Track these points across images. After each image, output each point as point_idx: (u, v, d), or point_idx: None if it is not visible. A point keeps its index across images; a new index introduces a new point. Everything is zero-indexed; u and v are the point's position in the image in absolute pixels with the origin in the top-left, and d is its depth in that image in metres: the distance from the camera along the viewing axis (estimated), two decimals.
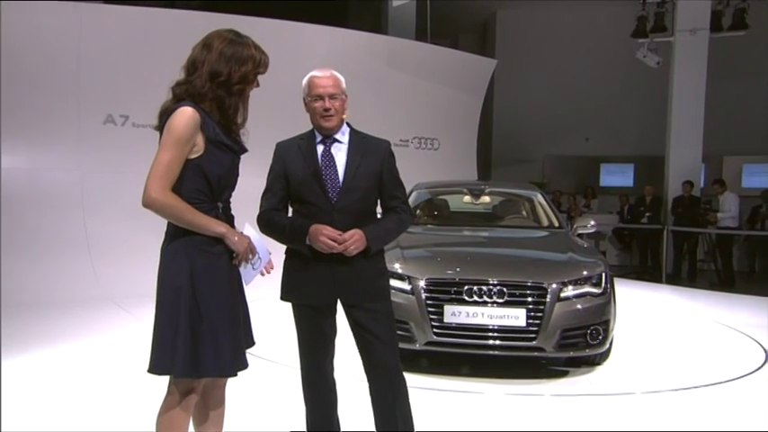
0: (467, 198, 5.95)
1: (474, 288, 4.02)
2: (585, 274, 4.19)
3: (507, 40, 14.19)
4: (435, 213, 5.83)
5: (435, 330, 4.02)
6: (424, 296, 4.06)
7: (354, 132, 2.59)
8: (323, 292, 2.47)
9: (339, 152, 2.53)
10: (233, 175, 2.19)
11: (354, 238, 2.40)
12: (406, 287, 4.10)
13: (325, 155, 2.51)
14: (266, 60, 2.17)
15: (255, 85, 2.19)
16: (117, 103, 7.23)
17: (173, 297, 2.05)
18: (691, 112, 10.05)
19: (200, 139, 2.07)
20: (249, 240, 2.16)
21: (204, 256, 2.08)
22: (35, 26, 6.81)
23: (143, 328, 5.14)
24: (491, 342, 4.00)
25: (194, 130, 2.05)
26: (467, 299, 4.01)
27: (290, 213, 2.61)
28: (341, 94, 2.50)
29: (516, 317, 3.97)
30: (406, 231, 2.81)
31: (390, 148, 2.63)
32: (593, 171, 14.02)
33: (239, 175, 2.23)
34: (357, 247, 2.41)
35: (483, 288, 4.01)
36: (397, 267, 4.17)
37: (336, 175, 2.49)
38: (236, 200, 2.24)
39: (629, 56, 11.07)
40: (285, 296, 2.57)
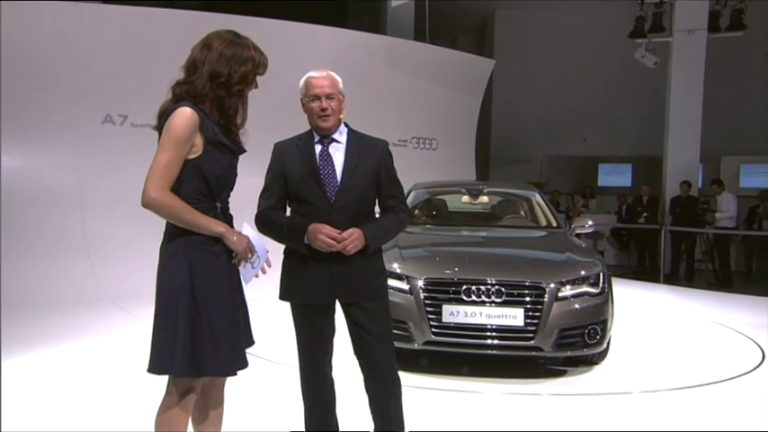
0: (465, 198, 5.96)
1: (472, 288, 4.03)
2: (583, 273, 4.21)
3: (506, 40, 14.19)
4: (434, 213, 5.84)
5: (434, 330, 4.03)
6: (422, 296, 4.07)
7: (352, 132, 2.60)
8: (321, 291, 2.48)
9: (337, 152, 2.54)
10: (231, 175, 2.20)
11: (353, 237, 2.41)
12: (405, 287, 4.11)
13: (323, 154, 2.52)
14: (265, 61, 2.18)
15: (254, 87, 2.20)
16: (116, 103, 7.23)
17: (172, 296, 2.06)
18: (688, 113, 10.07)
19: (198, 140, 2.08)
20: (248, 240, 2.17)
21: (203, 256, 2.09)
22: (34, 26, 6.81)
23: (142, 329, 5.14)
24: (489, 342, 4.01)
25: (193, 130, 2.06)
26: (465, 298, 4.02)
27: (287, 213, 2.62)
28: (338, 94, 2.51)
29: (514, 316, 3.98)
30: (405, 231, 2.83)
31: (388, 147, 2.64)
32: (591, 171, 14.03)
33: (238, 175, 2.24)
34: (356, 245, 2.42)
35: (481, 288, 4.02)
36: (396, 267, 4.18)
37: (334, 175, 2.50)
38: (234, 200, 2.25)
39: (627, 56, 11.09)
40: (284, 295, 2.58)
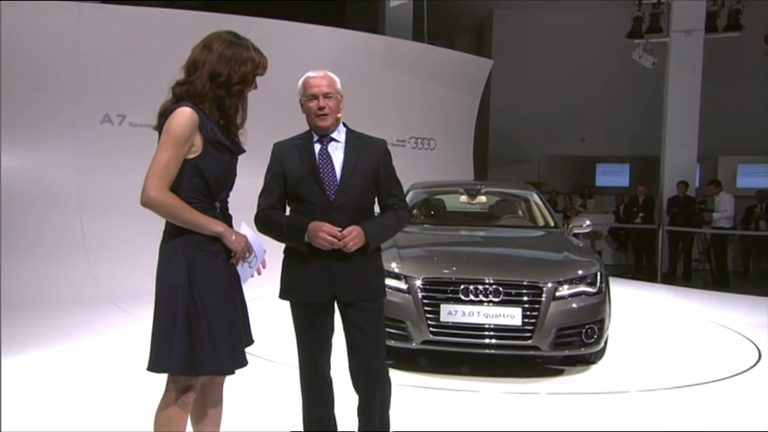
0: (463, 198, 5.97)
1: (470, 287, 4.04)
2: (581, 273, 4.22)
3: (504, 40, 14.21)
4: (432, 213, 5.85)
5: (432, 329, 4.04)
6: (420, 295, 4.07)
7: (351, 132, 2.62)
8: (321, 289, 2.49)
9: (336, 151, 2.55)
10: (231, 175, 2.21)
11: (353, 235, 2.42)
12: (403, 286, 4.12)
13: (323, 153, 2.54)
14: (265, 62, 2.19)
15: (254, 87, 2.21)
16: (114, 103, 7.23)
17: (170, 295, 2.07)
18: (686, 113, 10.10)
19: (198, 140, 2.09)
20: (246, 239, 2.18)
21: (202, 255, 2.10)
22: (32, 25, 6.80)
23: (141, 328, 5.15)
24: (487, 341, 4.02)
25: (192, 130, 2.07)
26: (463, 298, 4.03)
27: (287, 213, 2.63)
28: (335, 94, 2.52)
29: (512, 316, 3.99)
30: (403, 231, 2.84)
31: (386, 146, 2.65)
32: (588, 171, 14.06)
33: (237, 175, 2.25)
34: (356, 243, 2.43)
35: (479, 287, 4.03)
36: (394, 267, 4.19)
37: (334, 173, 2.51)
38: (233, 200, 2.26)
39: (624, 56, 11.12)
40: (283, 294, 2.58)
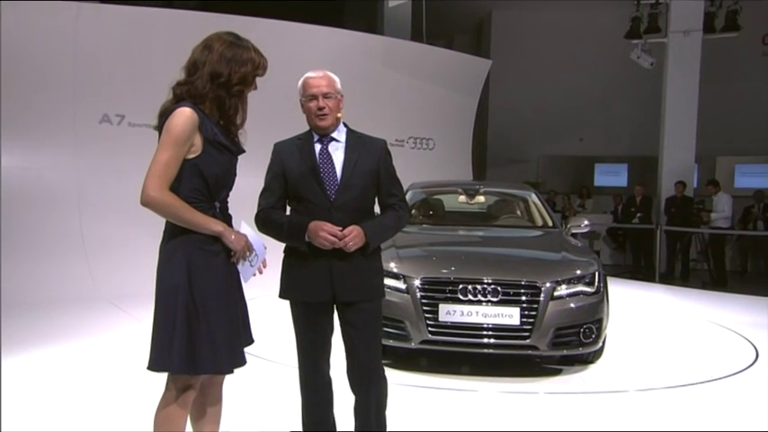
0: (462, 198, 5.98)
1: (469, 287, 4.05)
2: (579, 273, 4.23)
3: (502, 40, 14.24)
4: (430, 213, 5.86)
5: (430, 329, 4.05)
6: (419, 295, 4.08)
7: (351, 132, 2.63)
8: (321, 288, 2.50)
9: (336, 151, 2.56)
10: (230, 175, 2.22)
11: (353, 234, 2.43)
12: (402, 286, 4.13)
13: (323, 153, 2.55)
14: (265, 63, 2.20)
15: (254, 88, 2.22)
16: (113, 103, 7.23)
17: (170, 295, 2.08)
18: (684, 113, 10.12)
19: (198, 140, 2.10)
20: (246, 238, 2.19)
21: (202, 255, 2.11)
22: (31, 25, 6.80)
23: (141, 328, 5.15)
24: (485, 340, 4.04)
25: (192, 130, 2.08)
26: (461, 298, 4.04)
27: (287, 213, 2.64)
28: (335, 94, 2.53)
29: (510, 315, 4.00)
30: (402, 231, 2.84)
31: (387, 146, 2.66)
32: (587, 171, 14.09)
33: (237, 175, 2.26)
34: (356, 242, 2.44)
35: (477, 287, 4.04)
36: (393, 266, 4.19)
37: (334, 173, 2.52)
38: (233, 200, 2.27)
39: (622, 56, 11.14)
40: (284, 294, 2.59)
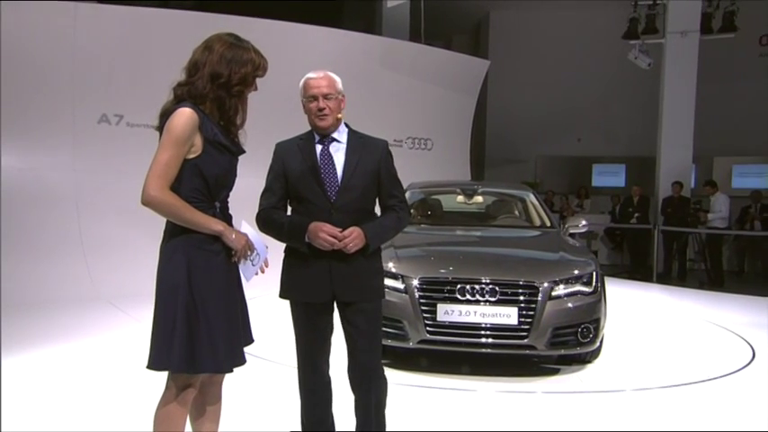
0: (460, 198, 6.00)
1: (467, 287, 4.06)
2: (576, 273, 4.25)
3: (500, 40, 14.26)
4: (429, 213, 5.87)
5: (428, 329, 4.06)
6: (417, 295, 4.09)
7: (352, 132, 2.63)
8: (321, 289, 2.51)
9: (337, 152, 2.56)
10: (231, 175, 2.23)
11: (353, 236, 2.44)
12: (400, 286, 4.14)
13: (324, 154, 2.55)
14: (265, 64, 2.22)
15: (254, 89, 2.23)
16: (111, 103, 7.22)
17: (170, 294, 2.09)
18: (681, 113, 10.14)
19: (198, 140, 2.11)
20: (247, 237, 2.20)
21: (202, 254, 2.12)
22: (29, 25, 6.80)
23: (140, 328, 5.16)
24: (483, 340, 4.05)
25: (192, 130, 2.09)
26: (459, 297, 4.05)
27: (288, 213, 2.65)
28: (336, 94, 2.54)
29: (508, 315, 4.02)
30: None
31: (388, 147, 2.67)
32: (585, 171, 14.11)
33: (237, 175, 2.27)
34: (356, 244, 2.45)
35: (475, 287, 4.05)
36: (391, 266, 4.20)
37: (335, 174, 2.53)
38: (233, 200, 2.28)
39: (620, 57, 11.17)
40: (284, 294, 2.60)
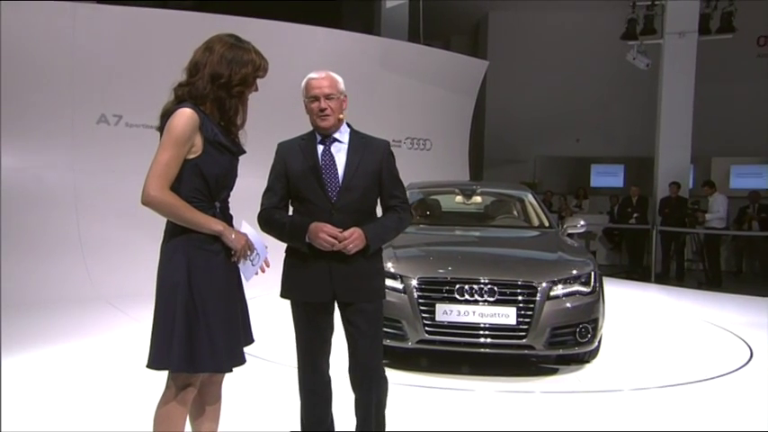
0: (459, 198, 6.00)
1: (465, 287, 4.07)
2: (575, 273, 4.26)
3: (499, 41, 14.28)
4: (428, 213, 5.88)
5: (427, 329, 4.07)
6: (416, 295, 4.10)
7: (354, 132, 2.63)
8: (321, 289, 2.51)
9: (339, 152, 2.57)
10: (231, 175, 2.23)
11: (353, 237, 2.44)
12: (399, 286, 4.15)
13: (326, 154, 2.56)
14: (266, 65, 2.23)
15: (254, 89, 2.24)
16: (110, 103, 7.22)
17: (170, 293, 2.10)
18: (679, 114, 10.17)
19: (198, 140, 2.12)
20: (246, 237, 2.21)
21: (202, 254, 2.13)
22: (28, 26, 6.80)
23: (139, 328, 5.17)
24: (482, 340, 4.06)
25: (193, 130, 2.10)
26: (458, 297, 4.06)
27: (290, 213, 2.66)
28: (338, 95, 2.54)
29: (507, 315, 4.02)
30: None
31: (390, 148, 2.67)
32: (583, 171, 14.13)
33: (238, 175, 2.27)
34: (356, 245, 2.45)
35: (474, 287, 4.06)
36: (390, 266, 4.21)
37: (336, 174, 2.53)
38: (234, 200, 2.28)
39: (619, 58, 11.20)
40: (284, 293, 2.61)
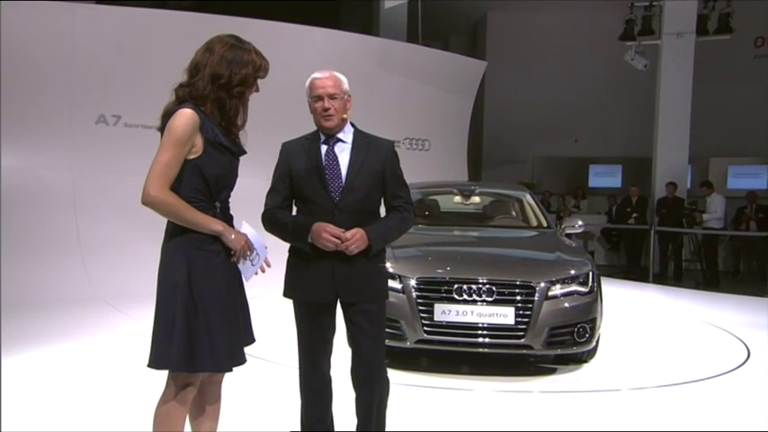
0: (457, 198, 6.02)
1: (464, 287, 4.08)
2: (573, 273, 4.27)
3: (498, 41, 14.28)
4: (426, 213, 5.88)
5: (426, 328, 4.08)
6: (414, 295, 4.12)
7: (358, 132, 2.63)
8: (323, 289, 2.51)
9: (342, 152, 2.57)
10: (231, 175, 2.24)
11: (356, 237, 2.44)
12: (398, 286, 4.16)
13: (329, 154, 2.56)
14: (266, 65, 2.23)
15: (255, 90, 2.25)
16: (109, 103, 7.22)
17: (170, 293, 2.11)
18: (677, 114, 10.19)
19: (198, 140, 2.13)
20: (246, 237, 2.21)
21: (202, 254, 2.14)
22: (27, 26, 6.80)
23: (138, 328, 5.17)
24: (480, 340, 4.07)
25: (193, 130, 2.11)
26: (457, 297, 4.08)
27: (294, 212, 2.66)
28: (341, 95, 2.54)
29: (505, 315, 4.04)
30: None
31: (394, 148, 2.67)
32: (581, 172, 14.13)
33: (238, 176, 2.28)
34: (358, 246, 2.45)
35: (473, 287, 4.07)
36: (389, 266, 4.20)
37: (339, 174, 2.53)
38: (234, 200, 2.29)
39: (617, 58, 11.21)
40: (287, 293, 2.61)
